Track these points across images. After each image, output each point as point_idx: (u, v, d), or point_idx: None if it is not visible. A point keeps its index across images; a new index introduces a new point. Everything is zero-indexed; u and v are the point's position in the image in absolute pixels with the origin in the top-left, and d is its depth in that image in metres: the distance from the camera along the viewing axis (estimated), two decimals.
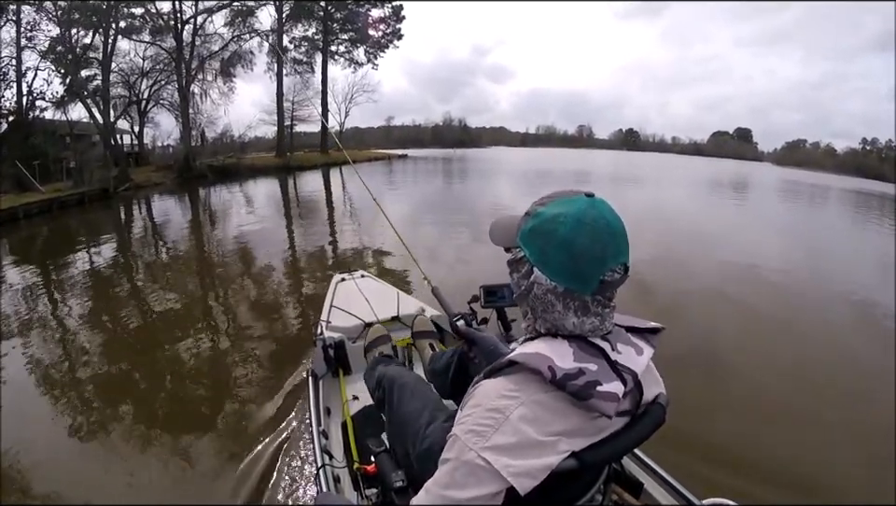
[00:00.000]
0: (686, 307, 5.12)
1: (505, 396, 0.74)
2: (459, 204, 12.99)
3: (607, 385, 0.75)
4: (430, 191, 16.95)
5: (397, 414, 1.45)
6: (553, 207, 0.80)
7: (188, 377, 3.51)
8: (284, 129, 30.78)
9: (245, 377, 3.45)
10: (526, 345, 0.82)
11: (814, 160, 72.07)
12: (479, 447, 0.70)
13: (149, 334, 4.33)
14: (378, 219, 10.20)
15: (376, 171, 25.67)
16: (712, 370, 3.71)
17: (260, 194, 16.24)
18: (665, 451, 1.58)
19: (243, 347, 3.92)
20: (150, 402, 3.19)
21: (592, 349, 0.79)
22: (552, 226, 0.79)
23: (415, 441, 1.27)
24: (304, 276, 6.16)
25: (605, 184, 21.25)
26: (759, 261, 7.41)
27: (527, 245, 0.82)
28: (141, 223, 11.32)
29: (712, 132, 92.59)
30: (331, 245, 7.90)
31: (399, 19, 33.26)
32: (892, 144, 67.58)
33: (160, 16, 21.24)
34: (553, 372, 0.74)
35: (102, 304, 5.06)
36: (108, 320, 4.64)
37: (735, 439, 2.77)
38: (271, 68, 29.79)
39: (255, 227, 9.55)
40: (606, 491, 0.97)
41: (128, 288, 5.81)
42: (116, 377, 3.53)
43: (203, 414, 3.05)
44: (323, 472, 1.62)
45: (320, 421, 1.90)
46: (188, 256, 7.50)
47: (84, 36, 18.89)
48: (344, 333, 2.46)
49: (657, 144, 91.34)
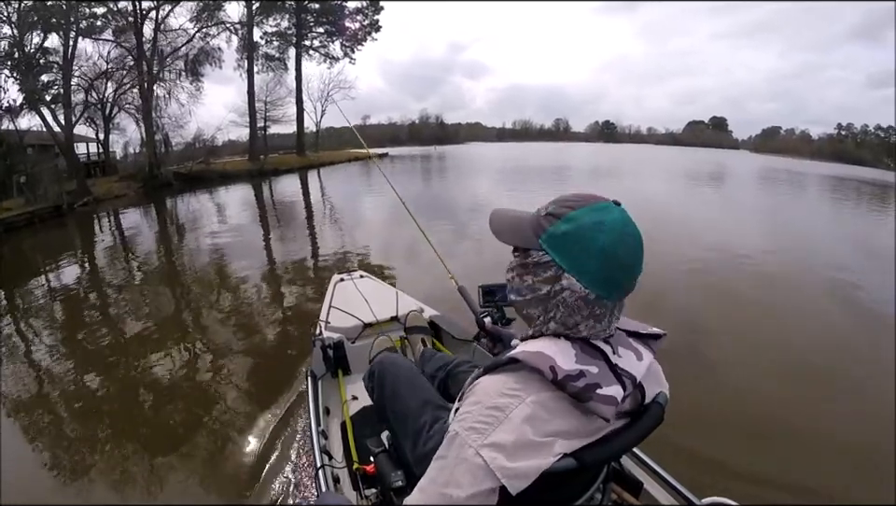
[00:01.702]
0: (669, 294, 5.19)
1: (506, 394, 0.75)
2: (446, 204, 12.62)
3: (606, 388, 0.77)
4: (423, 191, 16.43)
5: (394, 406, 1.42)
6: (588, 214, 0.79)
7: (167, 397, 3.39)
8: (256, 130, 28.93)
9: (227, 398, 3.31)
10: (528, 344, 0.83)
11: (791, 146, 74.11)
12: (478, 445, 0.71)
13: (119, 355, 4.06)
14: (362, 225, 9.67)
15: (359, 171, 25.15)
16: (696, 351, 3.80)
17: (233, 202, 15.22)
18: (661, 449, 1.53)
19: (225, 363, 3.78)
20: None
21: (593, 351, 0.81)
22: (591, 234, 0.78)
23: (417, 439, 1.27)
24: (288, 288, 5.86)
25: (584, 177, 21.38)
26: (743, 248, 7.66)
27: (558, 250, 0.80)
28: (96, 245, 9.79)
29: (687, 122, 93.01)
30: (313, 255, 7.52)
31: (377, 9, 31.55)
32: (868, 129, 68.15)
33: (119, 13, 19.95)
34: (555, 373, 0.75)
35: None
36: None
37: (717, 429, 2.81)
38: (241, 65, 27.97)
39: (227, 239, 8.88)
40: (605, 490, 0.98)
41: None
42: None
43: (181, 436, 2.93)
44: (322, 473, 1.62)
45: (319, 421, 1.91)
46: (148, 281, 6.66)
47: (43, 39, 17.68)
48: (343, 333, 2.47)
49: (633, 135, 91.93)
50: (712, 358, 3.79)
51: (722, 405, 3.07)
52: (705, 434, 2.68)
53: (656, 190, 16.87)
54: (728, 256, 7.06)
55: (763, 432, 2.82)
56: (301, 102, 31.92)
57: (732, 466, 2.48)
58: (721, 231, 9.40)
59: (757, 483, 2.37)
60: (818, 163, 51.66)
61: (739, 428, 2.83)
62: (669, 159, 40.47)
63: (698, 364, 3.62)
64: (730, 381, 3.41)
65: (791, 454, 2.62)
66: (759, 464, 2.50)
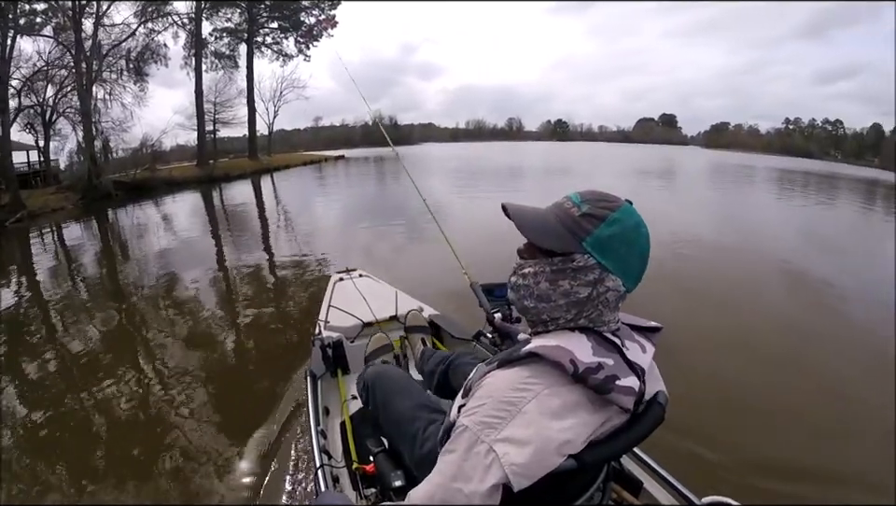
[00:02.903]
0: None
1: (519, 388, 0.75)
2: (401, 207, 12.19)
3: (624, 379, 0.78)
4: (385, 192, 16.32)
5: (388, 414, 1.44)
6: (627, 215, 0.81)
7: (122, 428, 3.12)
8: (204, 133, 27.02)
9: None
10: (544, 338, 0.83)
11: (740, 141, 77.32)
12: (490, 439, 0.71)
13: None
14: (318, 233, 9.20)
15: (315, 176, 24.35)
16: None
17: (181, 212, 14.16)
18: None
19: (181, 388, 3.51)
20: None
21: (608, 344, 0.82)
22: (634, 236, 0.81)
23: (413, 443, 1.26)
24: (243, 303, 5.46)
25: (539, 176, 21.41)
26: (695, 238, 8.10)
27: (604, 252, 0.80)
28: (28, 266, 8.29)
29: (638, 119, 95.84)
30: (271, 266, 7.07)
31: (335, 4, 30.27)
32: (816, 123, 73.36)
33: (59, 7, 18.34)
34: (575, 366, 0.75)
35: None
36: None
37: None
38: (189, 63, 25.99)
39: (175, 257, 8.05)
40: (605, 490, 0.98)
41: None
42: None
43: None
44: (322, 472, 1.60)
45: (319, 421, 1.89)
46: (82, 306, 5.80)
47: None
48: (343, 333, 2.48)
49: (585, 133, 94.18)
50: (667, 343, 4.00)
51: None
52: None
53: (610, 187, 17.19)
54: (673, 251, 7.20)
55: (704, 402, 3.01)
56: (253, 102, 30.49)
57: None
58: (675, 223, 9.51)
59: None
60: (767, 157, 54.81)
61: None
62: (622, 156, 41.65)
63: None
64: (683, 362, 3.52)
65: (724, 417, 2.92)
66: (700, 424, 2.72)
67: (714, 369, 3.54)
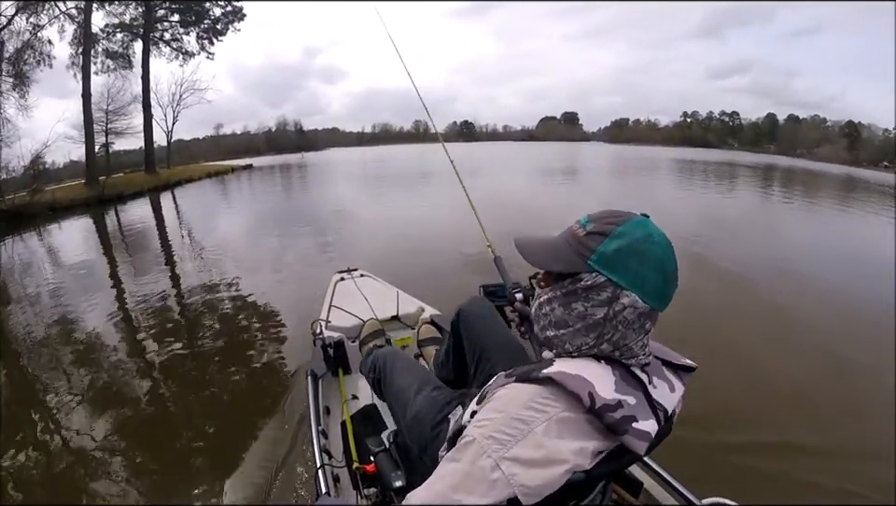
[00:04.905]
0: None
1: (533, 407, 0.74)
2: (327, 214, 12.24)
3: (643, 422, 0.75)
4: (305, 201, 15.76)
5: (391, 391, 1.51)
6: (634, 227, 0.79)
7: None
8: (94, 146, 22.92)
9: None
10: (566, 363, 0.80)
11: (642, 135, 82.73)
12: (498, 456, 0.69)
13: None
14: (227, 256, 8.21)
15: (223, 189, 22.32)
16: None
17: (68, 243, 11.78)
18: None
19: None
20: None
21: (633, 381, 0.79)
22: (645, 247, 0.78)
23: (405, 410, 1.36)
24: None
25: (447, 178, 20.92)
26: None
27: (613, 268, 0.78)
28: None
29: (540, 118, 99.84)
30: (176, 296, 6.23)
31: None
32: (713, 115, 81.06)
33: None
34: (593, 401, 0.73)
35: None
36: None
37: None
38: (76, 62, 22.16)
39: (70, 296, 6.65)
40: (605, 490, 0.98)
41: None
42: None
43: None
44: (322, 472, 1.62)
45: (319, 421, 1.91)
46: None
47: None
48: (344, 333, 2.48)
49: (491, 133, 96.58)
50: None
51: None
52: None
53: (519, 186, 18.27)
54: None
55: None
56: (150, 108, 26.85)
57: None
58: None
59: None
60: (669, 149, 60.03)
61: None
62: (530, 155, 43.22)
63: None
64: None
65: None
66: None
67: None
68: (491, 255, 1.89)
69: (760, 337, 4.39)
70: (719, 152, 56.12)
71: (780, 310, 5.12)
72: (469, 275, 5.61)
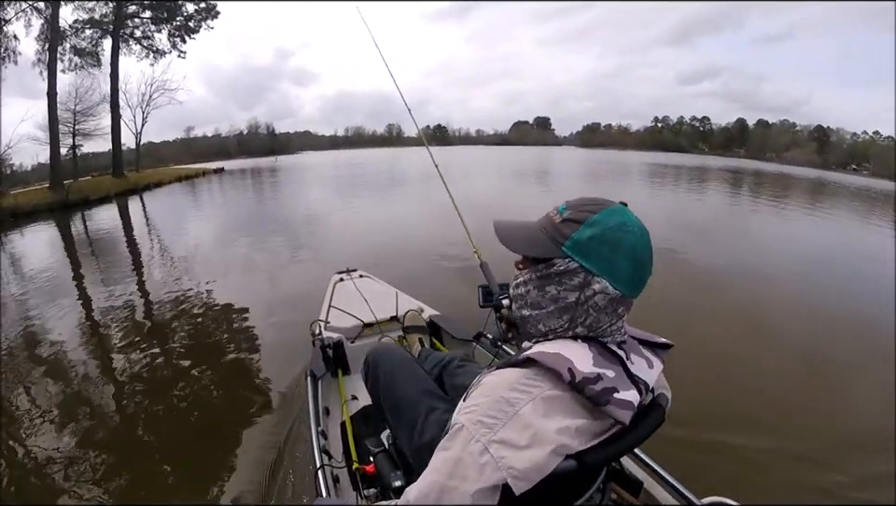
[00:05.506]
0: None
1: (517, 389, 0.75)
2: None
3: (623, 392, 0.77)
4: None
5: (390, 396, 1.45)
6: (609, 216, 0.81)
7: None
8: (59, 148, 21.60)
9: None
10: (545, 344, 0.82)
11: (614, 139, 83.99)
12: (486, 439, 0.70)
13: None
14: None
15: (195, 194, 21.52)
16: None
17: (31, 252, 10.76)
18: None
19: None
20: None
21: (610, 355, 0.82)
22: (618, 235, 0.79)
23: (413, 431, 1.29)
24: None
25: (418, 183, 21.32)
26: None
27: (585, 255, 0.80)
28: None
29: (513, 122, 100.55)
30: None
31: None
32: (684, 120, 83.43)
33: None
34: (573, 375, 0.75)
35: None
36: None
37: None
38: (42, 59, 21.17)
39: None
40: (605, 490, 0.98)
41: None
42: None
43: None
44: (322, 473, 1.61)
45: (319, 421, 1.90)
46: None
47: None
48: (343, 333, 2.48)
49: (464, 137, 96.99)
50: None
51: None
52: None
53: (493, 188, 18.52)
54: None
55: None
56: (118, 108, 25.65)
57: None
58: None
59: None
60: (641, 153, 61.01)
61: None
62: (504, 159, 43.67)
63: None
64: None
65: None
66: None
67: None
68: (478, 260, 1.91)
69: (729, 334, 4.58)
70: (689, 157, 57.82)
71: (750, 309, 5.34)
72: (455, 281, 5.68)
